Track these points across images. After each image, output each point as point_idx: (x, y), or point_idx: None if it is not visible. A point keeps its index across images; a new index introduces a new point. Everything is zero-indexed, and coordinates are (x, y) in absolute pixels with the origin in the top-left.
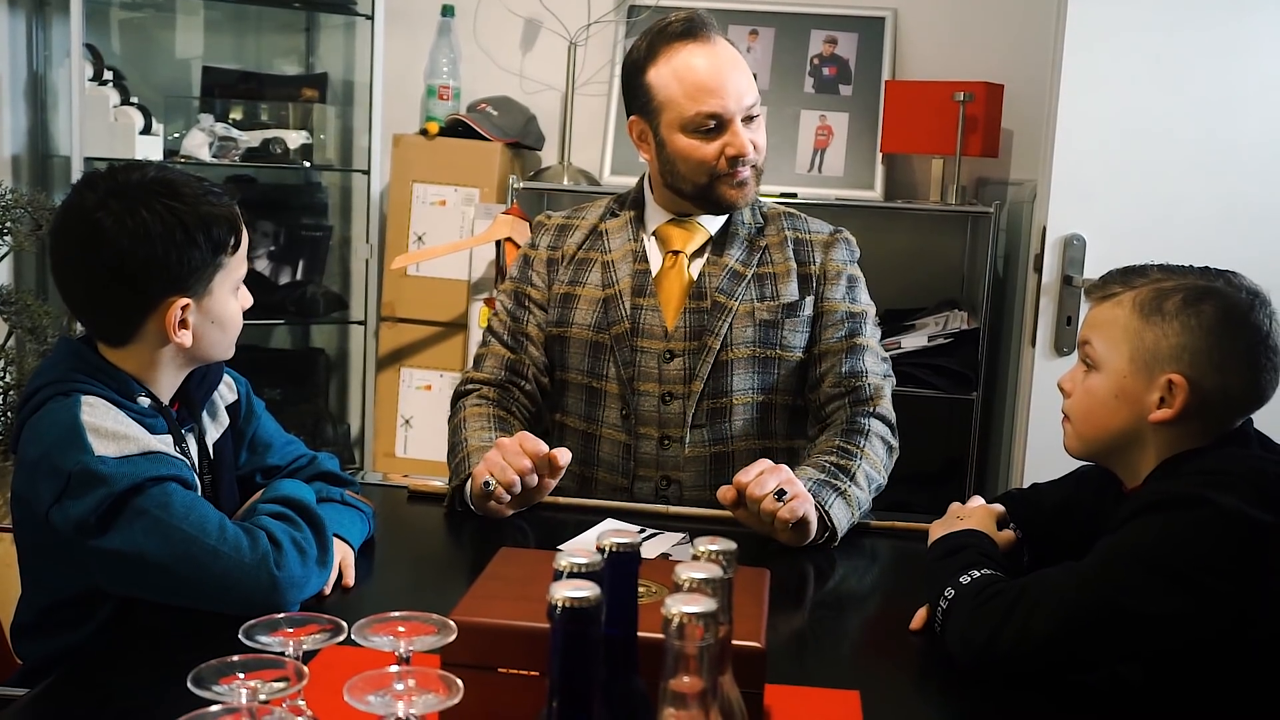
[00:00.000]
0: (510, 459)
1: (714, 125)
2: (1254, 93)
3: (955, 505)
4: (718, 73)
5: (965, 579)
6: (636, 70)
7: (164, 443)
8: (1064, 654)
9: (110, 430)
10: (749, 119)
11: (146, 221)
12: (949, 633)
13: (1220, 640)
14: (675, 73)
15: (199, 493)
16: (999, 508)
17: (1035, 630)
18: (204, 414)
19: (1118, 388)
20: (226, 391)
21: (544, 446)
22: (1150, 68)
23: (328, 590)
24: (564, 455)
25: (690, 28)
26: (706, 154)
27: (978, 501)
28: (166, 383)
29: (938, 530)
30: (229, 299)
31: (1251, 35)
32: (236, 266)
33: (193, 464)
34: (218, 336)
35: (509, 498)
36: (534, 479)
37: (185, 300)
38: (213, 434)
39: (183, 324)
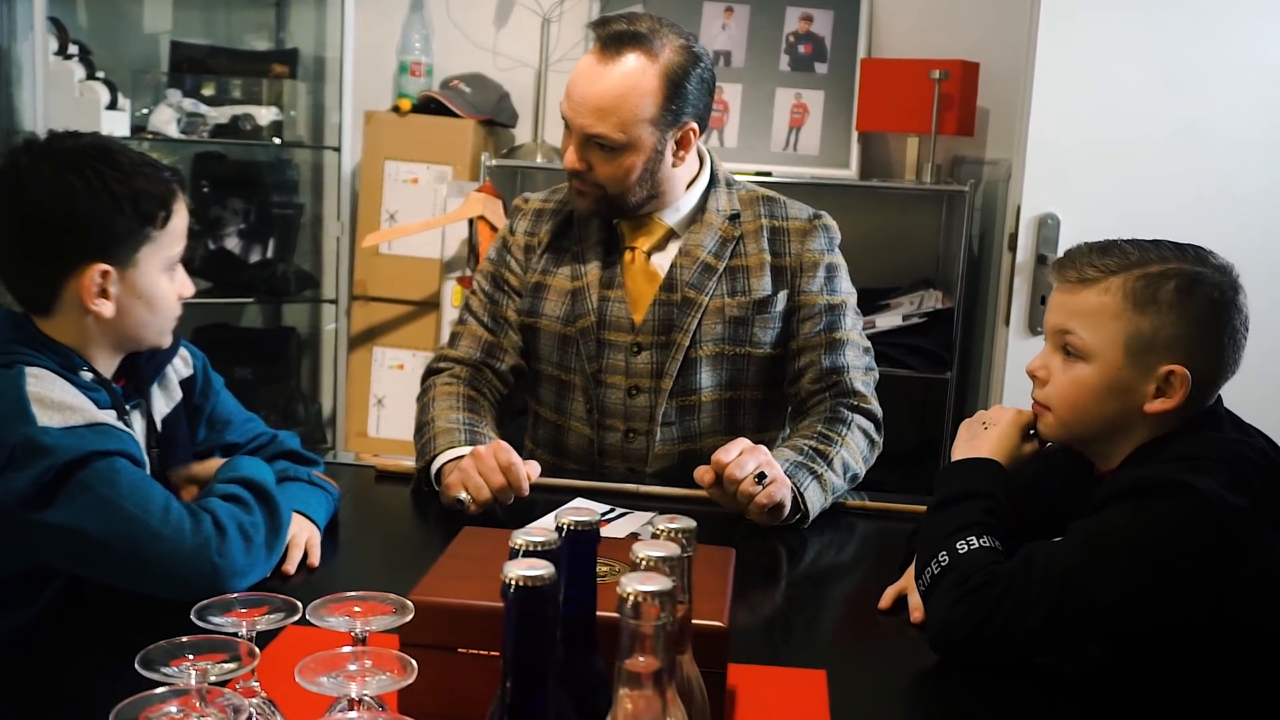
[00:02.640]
0: (488, 476)
1: (565, 124)
2: (1230, 72)
3: (981, 413)
4: (582, 83)
5: (962, 546)
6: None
7: (108, 417)
8: (1043, 644)
9: (55, 401)
10: (597, 145)
11: (71, 182)
12: (929, 610)
13: (1196, 621)
14: (577, 64)
15: (147, 469)
16: (1027, 414)
17: (1019, 627)
18: (154, 388)
19: (1111, 379)
20: (181, 365)
21: (520, 463)
22: (1126, 47)
23: (291, 569)
24: (534, 469)
25: (604, 39)
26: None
27: (998, 408)
28: (102, 357)
29: (963, 439)
30: (159, 277)
31: (1229, 14)
32: (169, 244)
33: (139, 439)
34: (145, 315)
35: (478, 509)
36: (508, 495)
37: (105, 267)
38: (162, 408)
39: (103, 294)
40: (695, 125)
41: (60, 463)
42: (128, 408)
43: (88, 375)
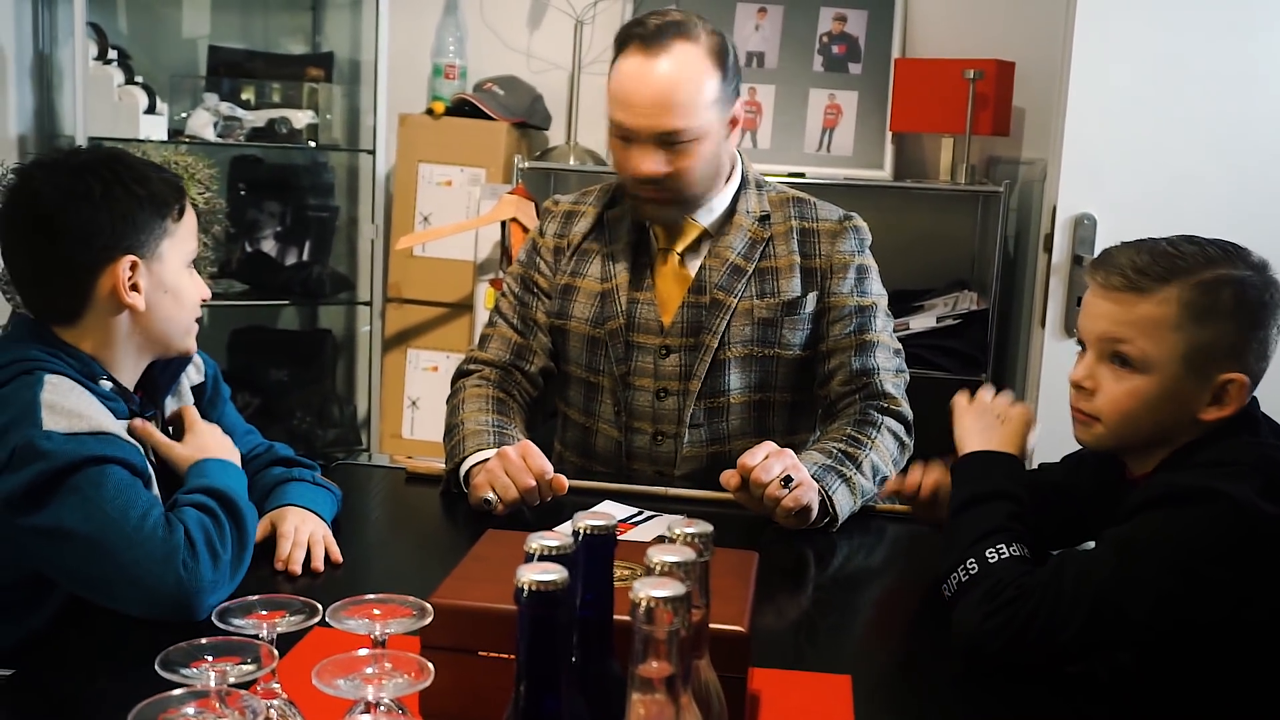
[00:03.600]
0: (515, 476)
1: (625, 136)
2: (1266, 71)
3: (987, 400)
4: (640, 88)
5: (992, 555)
6: (612, 62)
7: (121, 428)
8: (1076, 654)
9: (66, 408)
10: (671, 143)
11: (89, 183)
12: (959, 617)
13: (1227, 627)
14: (615, 75)
15: (150, 479)
16: (1034, 420)
17: (1052, 639)
18: (168, 397)
19: (1169, 390)
20: (194, 371)
21: (548, 464)
22: (1162, 46)
23: (319, 566)
24: (563, 484)
25: (646, 36)
26: (619, 162)
27: (1007, 401)
28: (127, 365)
29: (973, 428)
30: (182, 271)
31: (1265, 13)
32: (185, 238)
33: (149, 450)
34: (173, 310)
35: (505, 510)
36: (535, 496)
37: (133, 258)
38: (172, 410)
39: (134, 287)
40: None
41: (54, 467)
42: (146, 418)
43: (107, 384)
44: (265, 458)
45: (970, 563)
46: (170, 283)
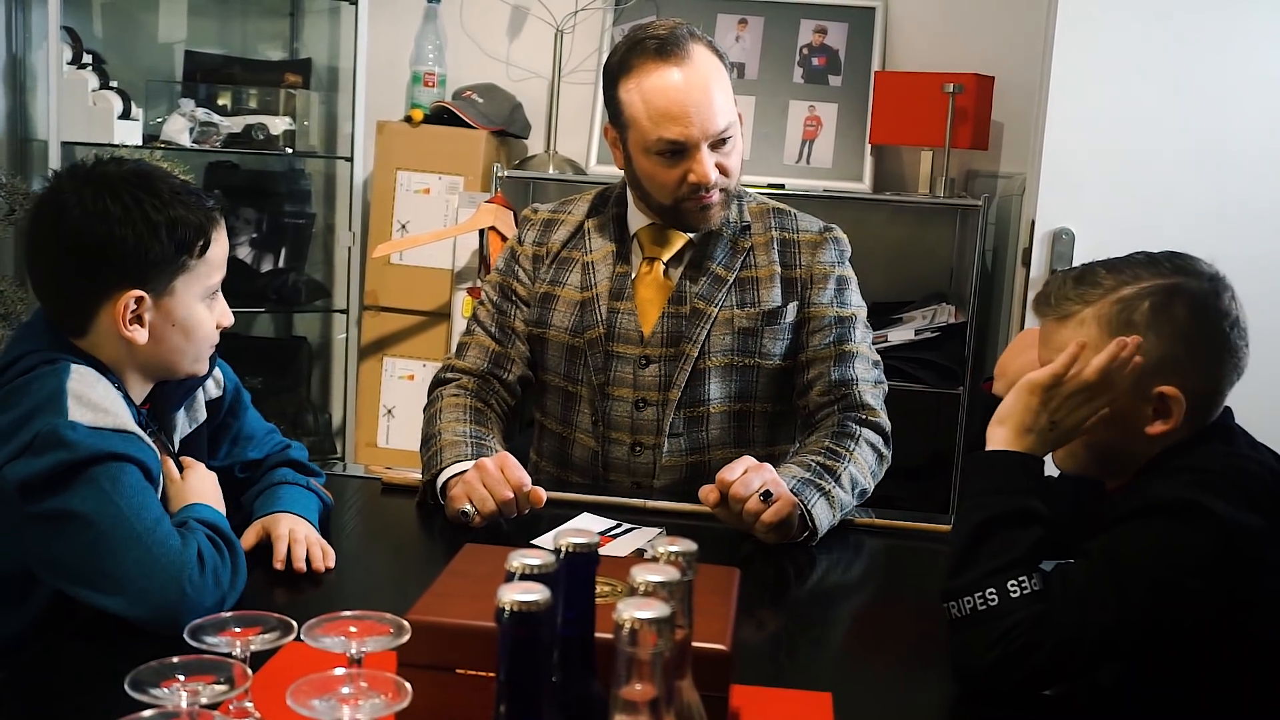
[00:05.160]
0: (493, 488)
1: (677, 151)
2: (1246, 86)
3: (1036, 369)
4: (684, 98)
5: (1013, 589)
6: (610, 80)
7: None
8: (1066, 673)
9: (92, 400)
10: (721, 142)
11: (109, 207)
12: (965, 646)
13: (1212, 643)
14: (643, 94)
15: (160, 488)
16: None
17: (1055, 671)
18: (179, 411)
19: (1111, 410)
20: (212, 386)
21: (526, 476)
22: (1142, 61)
23: (301, 567)
24: (541, 497)
25: (663, 46)
26: (668, 179)
27: (1027, 356)
28: (134, 386)
29: (1017, 405)
30: (195, 305)
31: (1244, 28)
32: (206, 273)
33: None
34: (180, 343)
35: (483, 522)
36: (512, 509)
37: (139, 293)
38: (184, 429)
39: (137, 320)
40: None
41: (76, 458)
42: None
43: (119, 391)
44: (277, 456)
45: (990, 593)
46: (180, 317)
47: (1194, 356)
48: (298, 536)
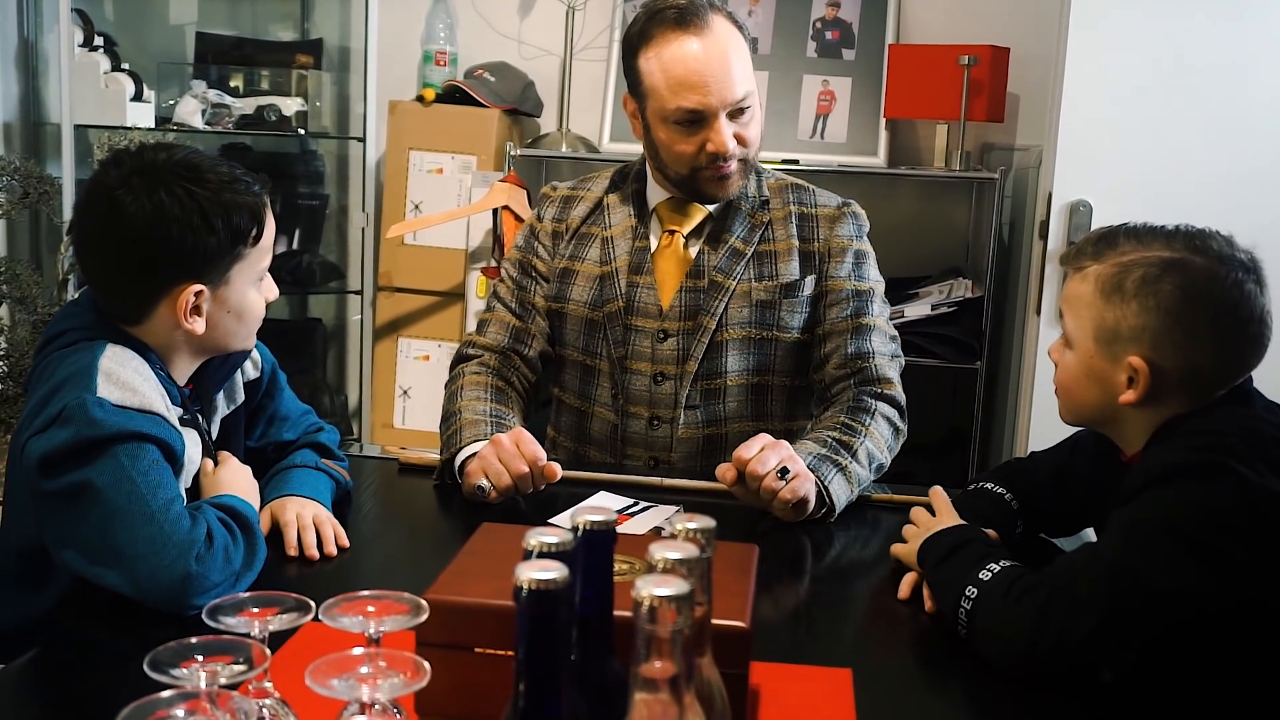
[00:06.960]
0: (508, 462)
1: (695, 120)
2: (1264, 56)
3: (920, 511)
4: (703, 67)
5: (986, 574)
6: (630, 50)
7: (170, 412)
8: (1106, 646)
9: (122, 379)
10: (739, 112)
11: (164, 203)
12: (980, 634)
13: (1234, 615)
14: (661, 63)
15: (184, 468)
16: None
17: (1077, 626)
18: (219, 394)
19: (1087, 366)
20: (250, 368)
21: (541, 451)
22: (1159, 31)
23: (313, 553)
24: (556, 471)
25: (682, 16)
26: (686, 148)
27: (943, 499)
28: (181, 366)
29: (916, 537)
30: (248, 290)
31: None
32: (258, 258)
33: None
34: (234, 327)
35: (499, 497)
36: (528, 483)
37: (199, 287)
38: (223, 410)
39: (196, 311)
40: None
41: (98, 434)
42: (187, 415)
43: (160, 374)
44: (306, 437)
45: (970, 589)
46: (235, 303)
47: (1170, 333)
48: (305, 521)
